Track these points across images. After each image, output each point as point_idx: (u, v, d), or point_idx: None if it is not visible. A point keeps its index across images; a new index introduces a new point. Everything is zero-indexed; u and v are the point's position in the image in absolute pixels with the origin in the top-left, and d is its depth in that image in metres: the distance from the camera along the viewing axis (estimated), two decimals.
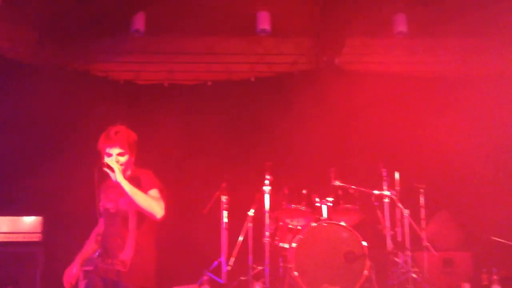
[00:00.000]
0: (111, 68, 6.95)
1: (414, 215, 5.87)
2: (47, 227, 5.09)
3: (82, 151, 3.66)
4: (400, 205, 5.86)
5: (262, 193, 5.78)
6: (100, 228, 3.49)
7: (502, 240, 6.02)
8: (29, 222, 5.10)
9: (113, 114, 6.39)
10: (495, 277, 5.37)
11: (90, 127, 4.67)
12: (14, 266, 4.95)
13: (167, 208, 6.21)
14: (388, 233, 5.83)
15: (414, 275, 5.57)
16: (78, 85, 6.45)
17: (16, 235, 5.07)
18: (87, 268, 3.36)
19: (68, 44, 6.52)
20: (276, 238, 5.76)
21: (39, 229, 5.13)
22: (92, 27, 6.52)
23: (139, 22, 6.39)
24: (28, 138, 6.02)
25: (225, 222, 6.04)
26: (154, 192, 3.33)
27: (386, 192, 5.86)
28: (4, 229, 5.08)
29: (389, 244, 5.80)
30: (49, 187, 5.68)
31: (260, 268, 5.75)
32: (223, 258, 5.93)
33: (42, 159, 5.70)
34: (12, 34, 6.31)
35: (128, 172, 3.42)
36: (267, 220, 5.70)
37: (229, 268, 5.88)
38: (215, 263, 5.98)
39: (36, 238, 5.12)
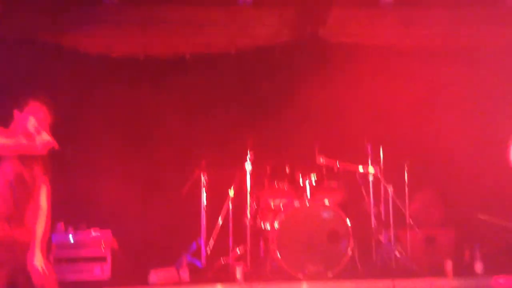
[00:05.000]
0: (83, 40, 6.54)
1: (399, 192, 5.76)
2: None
3: None
4: (384, 182, 5.72)
5: (243, 171, 5.63)
6: None
7: (489, 218, 5.98)
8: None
9: (86, 89, 6.19)
10: (477, 254, 5.34)
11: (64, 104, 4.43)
12: None
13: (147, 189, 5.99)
14: (372, 211, 5.72)
15: (397, 254, 5.52)
16: (48, 59, 6.10)
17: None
18: None
19: (36, 16, 6.11)
20: (258, 218, 5.65)
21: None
22: None
23: None
24: None
25: (204, 202, 5.87)
26: None
27: (371, 169, 5.72)
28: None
29: (373, 222, 5.70)
30: None
31: (240, 249, 5.63)
32: (202, 240, 5.80)
33: None
34: None
35: None
36: (248, 200, 5.58)
37: (208, 250, 5.76)
38: (193, 244, 5.84)
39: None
